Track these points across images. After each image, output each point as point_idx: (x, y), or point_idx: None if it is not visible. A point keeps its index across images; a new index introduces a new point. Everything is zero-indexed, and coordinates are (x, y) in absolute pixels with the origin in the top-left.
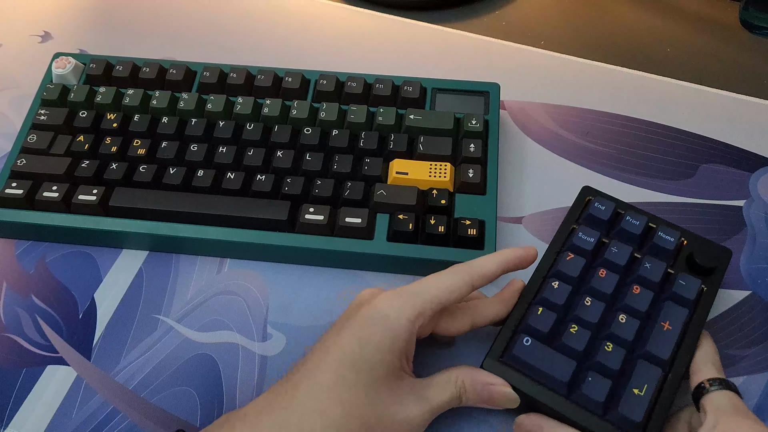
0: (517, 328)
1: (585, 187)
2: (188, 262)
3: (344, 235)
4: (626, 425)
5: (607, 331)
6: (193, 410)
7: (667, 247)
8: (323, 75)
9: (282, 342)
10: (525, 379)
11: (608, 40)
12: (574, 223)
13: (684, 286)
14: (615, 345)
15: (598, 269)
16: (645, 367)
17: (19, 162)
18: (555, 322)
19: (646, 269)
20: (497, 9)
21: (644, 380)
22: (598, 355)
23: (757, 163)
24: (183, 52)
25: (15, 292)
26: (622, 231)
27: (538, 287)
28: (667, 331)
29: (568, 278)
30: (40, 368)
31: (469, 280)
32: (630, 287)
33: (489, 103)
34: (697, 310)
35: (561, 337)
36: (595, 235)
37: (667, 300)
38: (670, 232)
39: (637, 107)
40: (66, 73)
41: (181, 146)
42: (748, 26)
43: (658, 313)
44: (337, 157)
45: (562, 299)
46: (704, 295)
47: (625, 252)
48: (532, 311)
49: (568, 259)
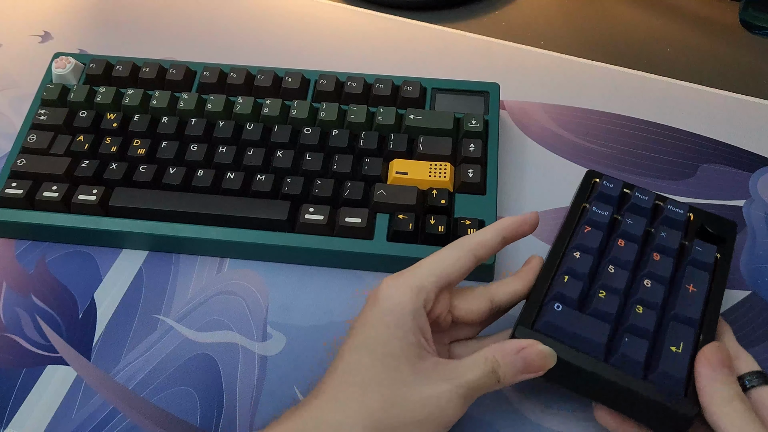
0: (545, 298)
1: (589, 171)
2: (188, 262)
3: (344, 235)
4: (669, 383)
5: (635, 296)
6: (193, 410)
7: (678, 218)
8: (323, 75)
9: (282, 342)
10: (560, 346)
11: (608, 40)
12: (584, 203)
13: (701, 252)
14: (645, 308)
15: (617, 240)
16: (678, 327)
17: (19, 162)
18: (583, 288)
19: (663, 238)
20: (497, 9)
21: (680, 339)
22: (630, 317)
23: (757, 163)
24: (183, 52)
25: (15, 292)
26: (633, 206)
27: (559, 261)
28: (693, 293)
29: (589, 249)
30: (39, 368)
31: (469, 249)
32: (650, 255)
33: (489, 103)
34: (715, 278)
35: (592, 303)
36: (609, 209)
37: (688, 265)
38: (679, 205)
39: (637, 107)
40: (66, 73)
41: (181, 146)
42: (748, 26)
43: (681, 278)
44: (337, 157)
45: (587, 268)
46: (720, 263)
47: (640, 223)
48: (558, 281)
49: (586, 232)
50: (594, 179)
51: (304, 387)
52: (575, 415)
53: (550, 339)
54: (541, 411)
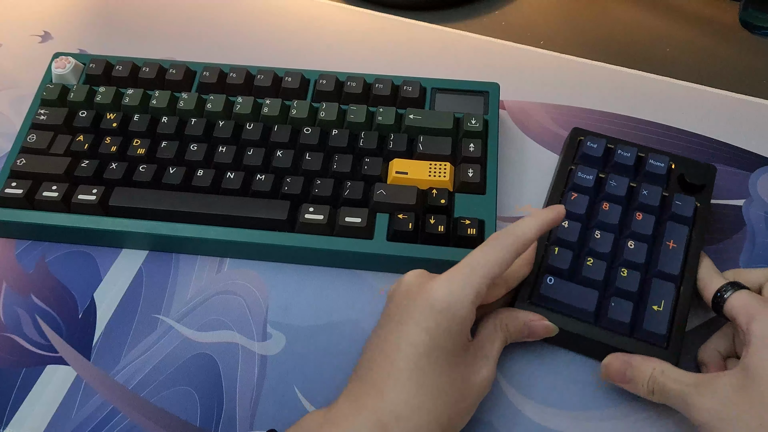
0: (539, 270)
1: (575, 128)
2: (188, 262)
3: (344, 234)
4: (652, 339)
5: (620, 259)
6: (193, 410)
7: (659, 172)
8: (323, 75)
9: (282, 342)
10: (555, 315)
11: (608, 40)
12: (570, 164)
13: (681, 205)
14: (629, 270)
15: (602, 203)
16: (659, 284)
17: (18, 162)
18: (572, 258)
19: (645, 196)
20: (497, 9)
21: (661, 297)
22: (616, 281)
23: (757, 162)
24: (183, 52)
25: (15, 291)
26: (617, 164)
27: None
28: (673, 249)
29: (576, 216)
30: (39, 368)
31: (515, 250)
32: (633, 215)
33: (489, 103)
34: (695, 226)
35: (581, 271)
36: (593, 172)
37: (668, 221)
38: (660, 158)
39: (637, 107)
40: (66, 73)
41: (180, 146)
42: (748, 26)
43: (662, 234)
44: (336, 156)
45: (575, 236)
46: (699, 211)
47: (623, 183)
48: (549, 252)
49: (573, 199)
50: (579, 138)
51: (304, 387)
52: (575, 415)
53: (546, 310)
54: (541, 411)
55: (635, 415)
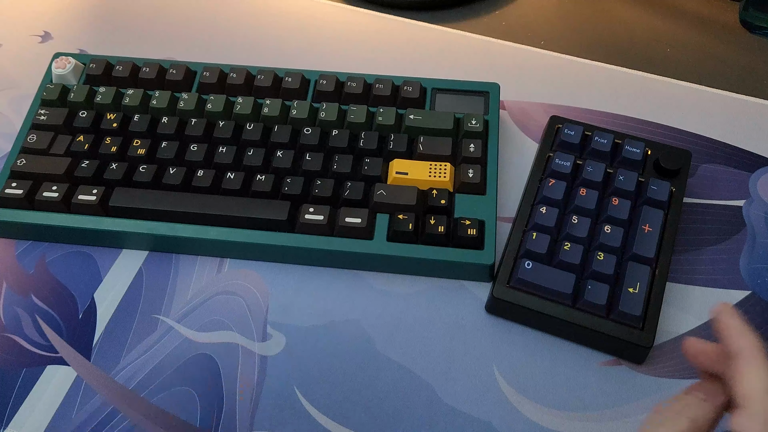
0: (517, 254)
1: (553, 116)
2: (188, 262)
3: (344, 235)
4: (627, 320)
5: (597, 243)
6: (193, 410)
7: (635, 158)
8: (323, 75)
9: (282, 342)
10: (533, 298)
11: (608, 40)
12: (549, 151)
13: (656, 190)
14: (606, 253)
15: (579, 189)
16: (635, 267)
17: (18, 162)
18: (550, 243)
19: (621, 181)
20: (497, 9)
21: (636, 279)
22: (593, 264)
23: (757, 163)
24: (183, 52)
25: (15, 292)
26: (593, 151)
27: (529, 214)
28: (648, 233)
29: (553, 202)
30: (40, 368)
31: None
32: (609, 200)
33: (489, 103)
34: (670, 210)
35: (558, 255)
36: (570, 158)
37: (644, 205)
38: (636, 143)
39: (637, 107)
40: (66, 73)
41: (180, 146)
42: (748, 26)
43: (638, 218)
44: (337, 157)
45: (552, 221)
46: (674, 195)
47: (600, 169)
48: (527, 237)
49: (550, 185)
50: (557, 125)
51: (304, 387)
52: (575, 415)
53: (524, 294)
54: (540, 411)
55: (635, 416)
